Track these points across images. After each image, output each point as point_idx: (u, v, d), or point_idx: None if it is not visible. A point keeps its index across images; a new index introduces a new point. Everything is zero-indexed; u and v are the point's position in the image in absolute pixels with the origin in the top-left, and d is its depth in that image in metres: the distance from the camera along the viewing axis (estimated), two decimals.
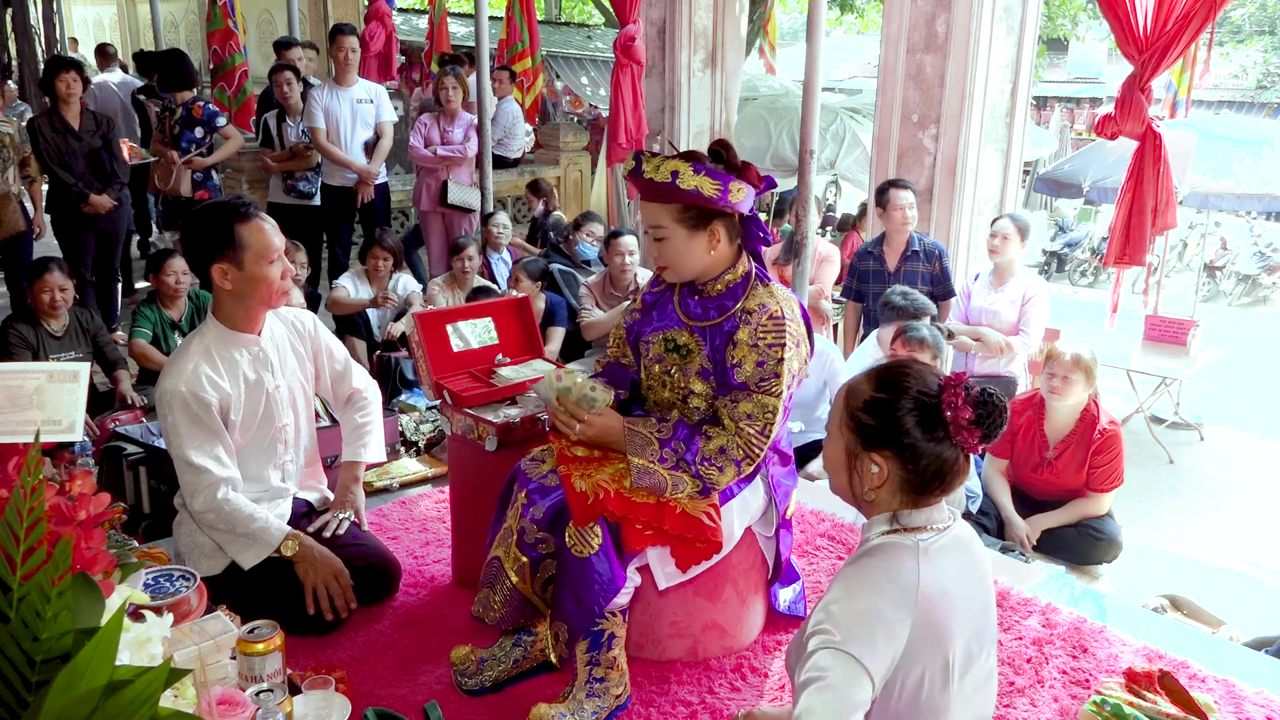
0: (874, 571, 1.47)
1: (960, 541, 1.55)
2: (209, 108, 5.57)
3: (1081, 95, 21.48)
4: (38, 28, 11.97)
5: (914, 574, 1.44)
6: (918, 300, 4.12)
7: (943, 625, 1.45)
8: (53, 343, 4.16)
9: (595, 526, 2.08)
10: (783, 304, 2.16)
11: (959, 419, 1.44)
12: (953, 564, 1.50)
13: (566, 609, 2.12)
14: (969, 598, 1.52)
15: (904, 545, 1.49)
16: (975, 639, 1.51)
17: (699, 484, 2.12)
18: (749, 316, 2.14)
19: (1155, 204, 3.83)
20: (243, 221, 2.32)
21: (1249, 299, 12.14)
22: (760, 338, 2.11)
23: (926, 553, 1.48)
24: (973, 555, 1.57)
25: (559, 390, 2.17)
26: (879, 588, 1.44)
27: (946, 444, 1.47)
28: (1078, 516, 3.51)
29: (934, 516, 1.52)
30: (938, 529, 1.52)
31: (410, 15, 15.03)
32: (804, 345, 2.21)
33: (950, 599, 1.47)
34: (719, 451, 2.10)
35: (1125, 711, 2.05)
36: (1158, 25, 3.63)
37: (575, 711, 2.09)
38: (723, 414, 2.14)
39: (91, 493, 1.20)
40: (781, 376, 2.10)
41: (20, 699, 0.96)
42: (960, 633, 1.47)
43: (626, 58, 6.06)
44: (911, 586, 1.43)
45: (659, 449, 2.11)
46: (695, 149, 2.20)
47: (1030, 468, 3.62)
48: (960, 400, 1.44)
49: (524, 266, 4.97)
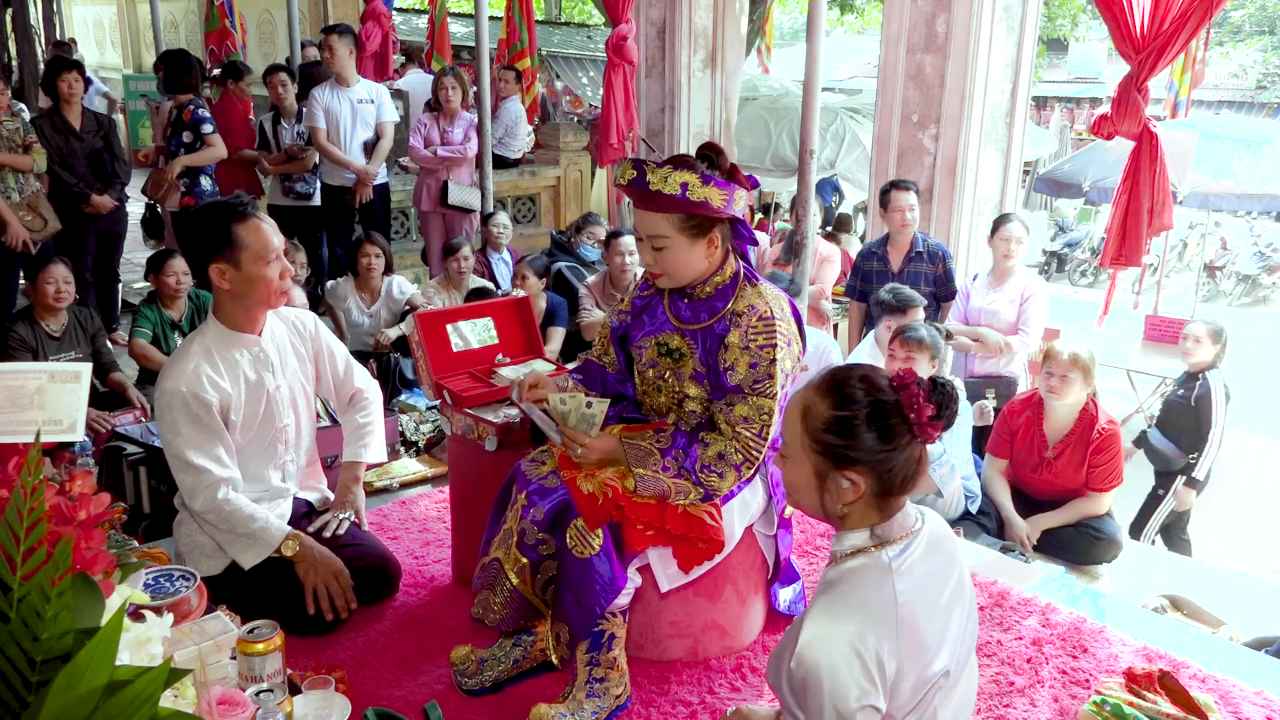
0: (850, 601, 1.42)
1: (932, 542, 1.52)
2: (198, 113, 5.51)
3: (1081, 95, 21.48)
4: (38, 28, 11.98)
5: (891, 596, 1.41)
6: (903, 294, 4.16)
7: (926, 636, 1.43)
8: (52, 343, 4.15)
9: (599, 529, 2.09)
10: (771, 304, 2.14)
11: (922, 417, 1.42)
12: (927, 570, 1.48)
13: (568, 610, 2.11)
14: (948, 600, 1.49)
15: (876, 567, 1.45)
16: (957, 639, 1.49)
17: (701, 491, 2.11)
18: (739, 319, 2.13)
19: (1152, 205, 3.84)
20: (240, 221, 2.32)
21: (1249, 299, 12.15)
22: (751, 339, 2.10)
23: (900, 570, 1.44)
24: (944, 552, 1.53)
25: (560, 415, 2.16)
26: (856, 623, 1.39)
27: (913, 444, 1.45)
28: (1077, 516, 3.50)
29: (905, 523, 1.49)
30: (909, 535, 1.48)
31: (410, 15, 15.03)
32: (796, 344, 2.20)
33: (930, 609, 1.45)
34: (718, 457, 2.09)
35: (1125, 711, 2.05)
36: (1154, 25, 3.63)
37: (575, 712, 2.09)
38: (719, 419, 2.13)
39: (91, 493, 1.20)
40: (775, 377, 2.09)
41: (20, 699, 0.96)
42: (943, 638, 1.46)
43: (619, 57, 6.06)
44: (890, 609, 1.40)
45: (660, 458, 2.10)
46: (684, 153, 2.16)
47: (1030, 468, 3.62)
48: (920, 400, 1.42)
49: (529, 264, 4.96)
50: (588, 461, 2.15)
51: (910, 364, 3.58)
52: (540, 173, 8.34)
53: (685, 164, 2.06)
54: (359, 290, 4.97)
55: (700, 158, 2.10)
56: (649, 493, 2.11)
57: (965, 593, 1.54)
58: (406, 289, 5.07)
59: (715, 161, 2.10)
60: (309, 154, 5.85)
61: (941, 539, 1.54)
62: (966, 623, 1.53)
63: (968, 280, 4.81)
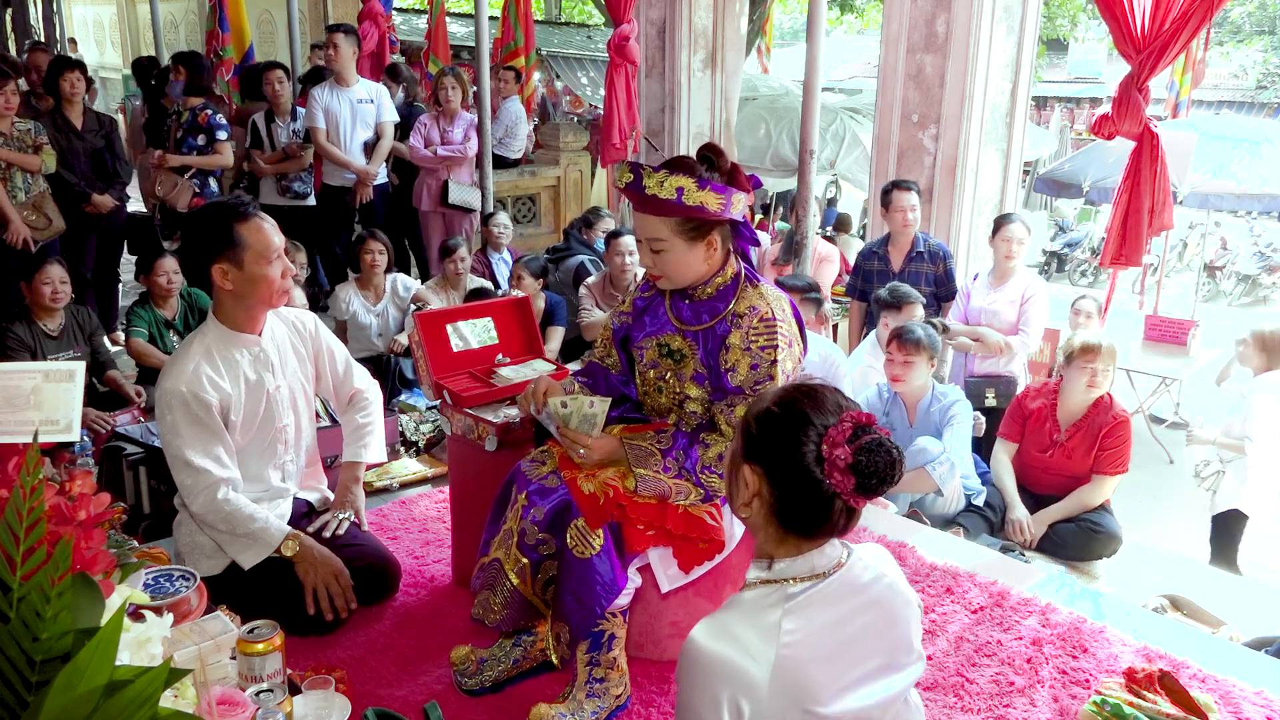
0: (733, 631, 1.33)
1: (852, 587, 1.40)
2: (215, 118, 5.56)
3: (1081, 95, 21.47)
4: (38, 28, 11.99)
5: (774, 630, 1.32)
6: (899, 290, 4.19)
7: (816, 677, 1.31)
8: (50, 343, 4.16)
9: (600, 530, 2.09)
10: (773, 305, 2.14)
11: (833, 456, 1.32)
12: (833, 615, 1.37)
13: (568, 610, 2.11)
14: (859, 646, 1.38)
15: (769, 601, 1.36)
16: (871, 688, 1.37)
17: (701, 492, 2.11)
18: (740, 320, 2.12)
19: (1152, 204, 3.84)
20: (242, 221, 2.32)
21: (1249, 299, 12.14)
22: (752, 340, 2.10)
23: (791, 610, 1.34)
24: (868, 597, 1.41)
25: (562, 418, 2.16)
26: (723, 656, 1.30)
27: (824, 482, 1.34)
28: (1081, 506, 3.54)
29: (815, 564, 1.39)
30: (819, 578, 1.38)
31: (409, 15, 15.03)
32: (797, 345, 2.18)
33: (828, 653, 1.34)
34: (718, 459, 2.09)
35: (1125, 711, 2.05)
36: (1155, 25, 3.63)
37: (575, 712, 2.10)
38: (720, 420, 2.13)
39: (91, 493, 1.20)
40: (776, 379, 2.08)
41: (20, 699, 0.96)
42: (844, 683, 1.34)
43: (621, 57, 6.06)
44: (770, 645, 1.30)
45: (661, 459, 2.10)
46: (684, 154, 2.15)
47: (1040, 449, 3.69)
48: (841, 437, 1.32)
49: (525, 265, 4.96)
50: (589, 462, 2.15)
51: (908, 365, 3.58)
52: (540, 173, 8.34)
53: (683, 167, 2.05)
54: (362, 289, 4.95)
55: (700, 159, 2.09)
56: (649, 493, 2.11)
57: (894, 641, 1.42)
58: (411, 285, 5.05)
59: (715, 163, 2.09)
60: (306, 153, 5.85)
61: (868, 584, 1.42)
62: (889, 672, 1.40)
63: (968, 280, 4.81)
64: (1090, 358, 3.54)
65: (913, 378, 3.61)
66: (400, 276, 5.06)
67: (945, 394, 3.70)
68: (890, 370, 3.66)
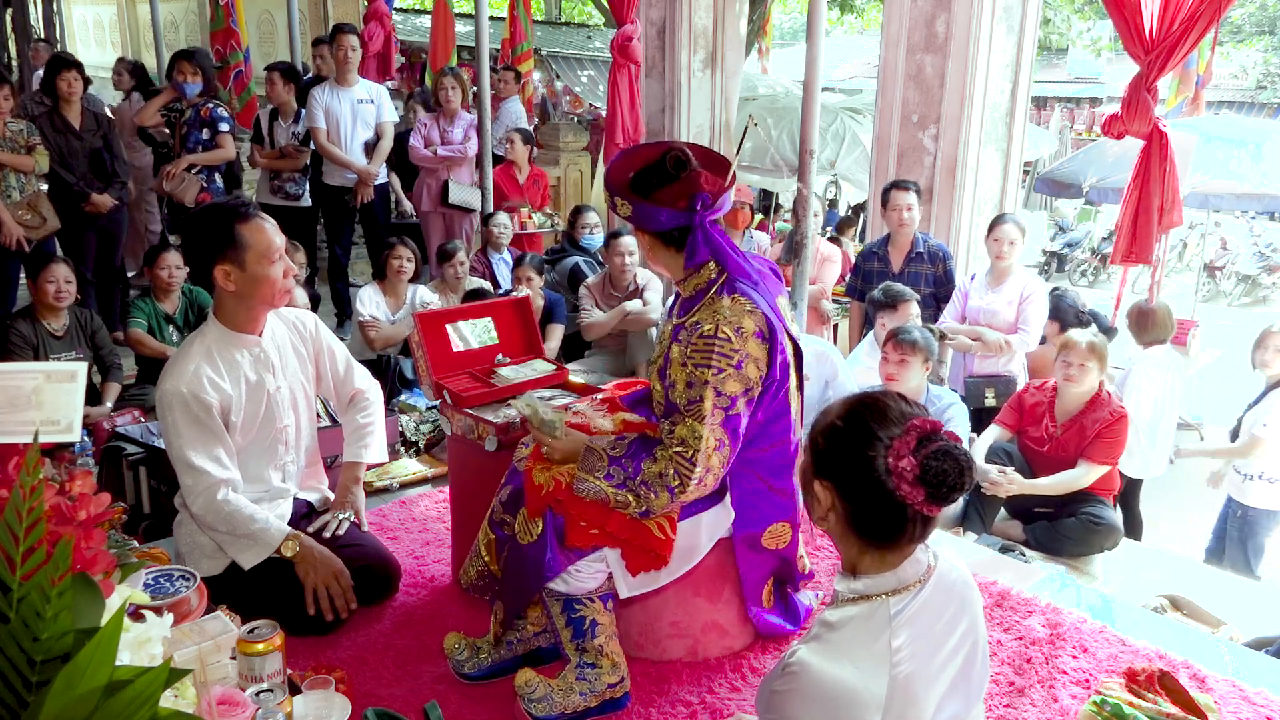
0: (846, 653, 1.33)
1: (942, 586, 1.41)
2: (217, 111, 5.56)
3: (1081, 95, 21.46)
4: (38, 28, 11.98)
5: (885, 653, 1.32)
6: (893, 289, 4.20)
7: (919, 693, 1.33)
8: (54, 342, 4.17)
9: (539, 519, 2.11)
10: (724, 323, 2.02)
11: (899, 468, 1.30)
12: (930, 619, 1.38)
13: (504, 589, 2.26)
14: (950, 649, 1.39)
15: (875, 619, 1.35)
16: (955, 690, 1.39)
17: (642, 505, 2.04)
18: (683, 333, 2.08)
19: (1162, 202, 3.85)
20: (243, 221, 2.33)
21: (1249, 299, 12.14)
22: (689, 357, 2.02)
23: (898, 625, 1.34)
24: (955, 596, 1.42)
25: (527, 417, 2.21)
26: (844, 682, 1.29)
27: (894, 493, 1.32)
28: (1063, 485, 3.58)
29: (907, 573, 1.38)
30: (916, 586, 1.38)
31: (410, 15, 15.03)
32: (751, 365, 2.04)
33: (928, 663, 1.35)
34: (658, 476, 2.02)
35: (1125, 711, 2.05)
36: (1164, 25, 3.63)
37: (563, 692, 2.13)
38: (663, 437, 2.07)
39: (91, 493, 1.20)
40: (704, 400, 1.98)
41: (20, 699, 0.96)
42: (939, 691, 1.36)
43: (624, 58, 6.06)
44: (883, 668, 1.31)
45: (607, 465, 2.06)
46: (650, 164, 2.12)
47: (1037, 443, 3.76)
48: (906, 449, 1.30)
49: (530, 263, 4.95)
50: (554, 459, 2.18)
51: (903, 364, 3.58)
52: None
53: (639, 186, 2.09)
54: (386, 295, 4.88)
55: (675, 164, 2.06)
56: (589, 497, 2.08)
57: (975, 641, 1.44)
58: (429, 300, 4.93)
59: (682, 172, 2.06)
60: (303, 155, 5.85)
61: (954, 583, 1.44)
62: (971, 669, 1.43)
63: (966, 280, 4.82)
64: (1066, 352, 3.64)
65: (907, 378, 3.60)
66: (421, 289, 4.97)
67: (940, 396, 3.70)
68: (885, 370, 3.66)
